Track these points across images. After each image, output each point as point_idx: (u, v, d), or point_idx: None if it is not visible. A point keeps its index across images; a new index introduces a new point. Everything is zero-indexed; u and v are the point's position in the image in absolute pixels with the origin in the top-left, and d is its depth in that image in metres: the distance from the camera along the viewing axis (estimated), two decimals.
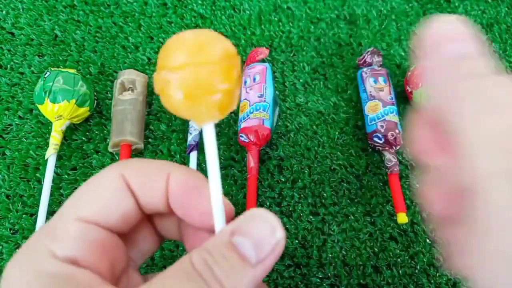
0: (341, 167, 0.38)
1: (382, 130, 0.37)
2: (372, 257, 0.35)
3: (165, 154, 0.38)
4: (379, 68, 0.40)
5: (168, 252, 0.34)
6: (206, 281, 0.13)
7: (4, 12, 0.45)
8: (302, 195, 0.36)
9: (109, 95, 0.41)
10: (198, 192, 0.16)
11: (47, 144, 0.37)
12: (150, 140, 0.39)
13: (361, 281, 0.34)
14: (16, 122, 0.39)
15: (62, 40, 0.44)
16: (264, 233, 0.14)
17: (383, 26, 0.47)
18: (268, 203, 0.36)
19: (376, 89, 0.39)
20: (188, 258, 0.14)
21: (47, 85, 0.35)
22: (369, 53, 0.41)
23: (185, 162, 0.38)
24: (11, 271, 0.14)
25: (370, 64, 0.41)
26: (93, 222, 0.15)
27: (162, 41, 0.44)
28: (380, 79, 0.40)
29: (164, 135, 0.39)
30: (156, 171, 0.16)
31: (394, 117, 0.38)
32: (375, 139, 0.37)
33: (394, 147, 0.37)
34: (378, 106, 0.38)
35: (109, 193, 0.15)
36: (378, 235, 0.36)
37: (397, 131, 0.37)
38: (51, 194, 0.35)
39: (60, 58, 0.42)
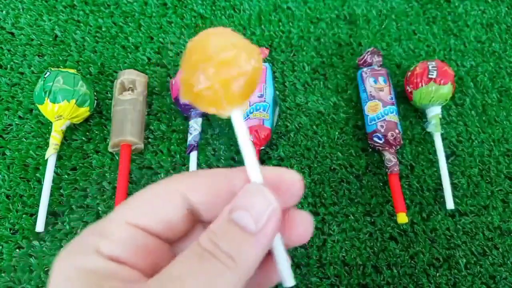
0: (341, 167, 0.38)
1: (382, 130, 0.37)
2: (372, 257, 0.35)
3: (165, 154, 0.38)
4: (379, 68, 0.40)
5: None
6: (216, 256, 0.14)
7: (4, 12, 0.45)
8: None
9: (109, 95, 0.41)
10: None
11: (47, 144, 0.37)
12: (150, 140, 0.39)
13: (361, 281, 0.34)
14: (16, 122, 0.39)
15: (62, 40, 0.44)
16: (259, 204, 0.15)
17: (383, 26, 0.47)
18: None
19: (376, 89, 0.39)
20: (192, 246, 0.15)
21: (47, 85, 0.35)
22: (369, 53, 0.41)
23: (185, 162, 0.38)
24: (58, 265, 0.15)
25: (370, 64, 0.41)
26: (141, 228, 0.16)
27: (162, 41, 0.44)
28: (380, 79, 0.40)
29: (164, 135, 0.39)
30: (220, 185, 0.17)
31: (394, 117, 0.38)
32: (375, 139, 0.37)
33: (394, 147, 0.37)
34: (378, 106, 0.38)
35: (160, 205, 0.16)
36: (378, 235, 0.36)
37: (397, 131, 0.37)
38: (51, 194, 0.35)
39: (60, 58, 0.42)
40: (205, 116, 0.40)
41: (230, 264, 0.14)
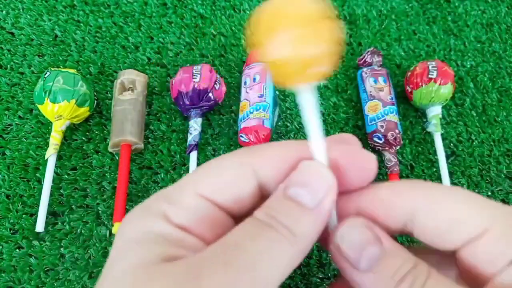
0: None
1: (382, 130, 0.37)
2: None
3: (165, 154, 0.38)
4: (379, 68, 0.40)
5: None
6: (273, 226, 0.14)
7: (4, 12, 0.45)
8: None
9: (109, 95, 0.41)
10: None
11: (47, 144, 0.37)
12: (150, 140, 0.39)
13: None
14: (16, 122, 0.39)
15: (62, 40, 0.44)
16: (315, 181, 0.15)
17: (383, 26, 0.47)
18: None
19: (376, 89, 0.39)
20: (249, 219, 0.15)
21: (47, 85, 0.35)
22: (369, 53, 0.41)
23: (185, 162, 0.38)
24: (125, 227, 0.15)
25: (370, 64, 0.41)
26: (210, 200, 0.15)
27: (162, 41, 0.44)
28: (380, 79, 0.40)
29: (164, 135, 0.39)
30: (290, 160, 0.16)
31: (394, 117, 0.38)
32: (375, 139, 0.37)
33: (394, 147, 0.37)
34: (378, 106, 0.38)
35: (231, 178, 0.16)
36: None
37: (397, 131, 0.37)
38: (51, 194, 0.35)
39: (60, 58, 0.42)
40: (205, 116, 0.40)
41: (288, 235, 0.14)
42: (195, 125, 0.37)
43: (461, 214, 0.15)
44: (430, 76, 0.38)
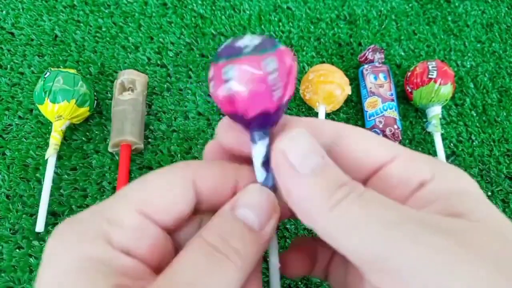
0: None
1: (381, 126, 0.37)
2: None
3: (165, 154, 0.38)
4: (380, 65, 0.40)
5: None
6: (224, 253, 0.14)
7: (4, 12, 0.45)
8: None
9: (109, 95, 0.41)
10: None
11: (47, 144, 0.37)
12: (150, 140, 0.39)
13: None
14: (16, 122, 0.39)
15: (62, 40, 0.44)
16: (262, 203, 0.16)
17: (383, 26, 0.47)
18: None
19: (376, 86, 0.39)
20: (199, 239, 0.15)
21: (47, 85, 0.35)
22: (370, 50, 0.41)
23: None
24: (56, 253, 0.13)
25: (371, 61, 0.41)
26: (153, 219, 0.15)
27: (162, 41, 0.44)
28: (381, 75, 0.40)
29: (164, 135, 0.39)
30: (227, 179, 0.17)
31: (393, 113, 0.38)
32: None
33: None
34: (377, 102, 0.38)
35: (175, 196, 0.16)
36: None
37: (395, 126, 0.37)
38: (51, 194, 0.35)
39: (60, 58, 0.42)
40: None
41: (237, 261, 0.14)
42: (262, 149, 0.20)
43: (372, 145, 0.16)
44: (430, 76, 0.38)
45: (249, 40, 0.15)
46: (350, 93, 0.39)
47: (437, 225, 0.13)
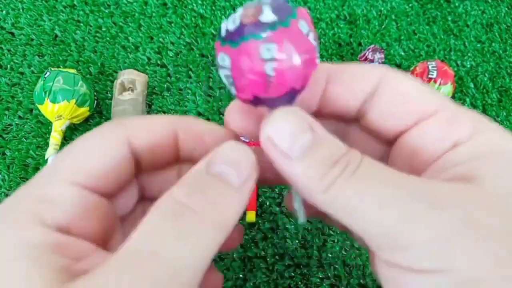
0: None
1: None
2: None
3: None
4: (380, 65, 0.41)
5: None
6: (196, 211, 0.12)
7: (4, 12, 0.45)
8: None
9: (109, 95, 0.41)
10: (206, 140, 0.17)
11: (47, 144, 0.37)
12: None
13: (361, 281, 0.34)
14: (16, 122, 0.39)
15: (62, 40, 0.44)
16: (239, 157, 0.14)
17: (383, 26, 0.47)
18: (268, 203, 0.36)
19: None
20: (169, 196, 0.13)
21: (47, 85, 0.35)
22: (370, 50, 0.41)
23: None
24: None
25: (371, 61, 0.41)
26: (88, 187, 0.14)
27: (162, 41, 0.44)
28: None
29: None
30: (163, 130, 0.16)
31: None
32: None
33: None
34: None
35: (109, 158, 0.14)
36: None
37: None
38: None
39: (60, 58, 0.42)
40: None
41: (214, 218, 0.13)
42: None
43: (416, 93, 0.15)
44: (430, 76, 0.38)
45: (265, 13, 0.13)
46: None
47: (435, 198, 0.12)
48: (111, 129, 0.15)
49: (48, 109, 0.35)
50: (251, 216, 0.34)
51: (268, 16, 0.13)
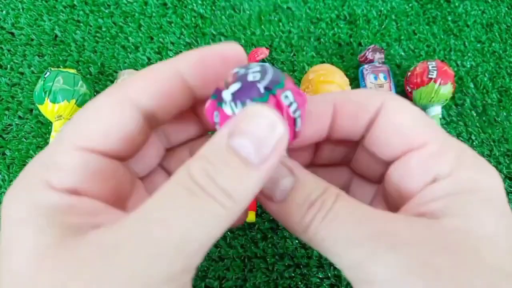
0: None
1: None
2: None
3: None
4: (380, 65, 0.41)
5: None
6: (210, 193, 0.12)
7: (4, 12, 0.45)
8: None
9: None
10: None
11: (47, 144, 0.37)
12: None
13: None
14: (16, 122, 0.39)
15: (62, 40, 0.44)
16: (263, 130, 0.13)
17: (383, 26, 0.47)
18: None
19: (376, 86, 0.39)
20: (185, 171, 0.13)
21: (47, 85, 0.35)
22: (370, 50, 0.41)
23: None
24: (9, 206, 0.13)
25: (371, 61, 0.41)
26: (93, 151, 0.14)
27: (162, 41, 0.44)
28: (381, 75, 0.40)
29: None
30: (166, 79, 0.15)
31: None
32: None
33: None
34: None
35: (112, 120, 0.14)
36: None
37: None
38: None
39: (60, 58, 0.42)
40: None
41: (227, 203, 0.12)
42: None
43: (410, 124, 0.16)
44: (430, 76, 0.38)
45: (266, 77, 0.14)
46: None
47: (396, 238, 0.13)
48: (112, 92, 0.15)
49: (48, 109, 0.35)
50: (251, 216, 0.34)
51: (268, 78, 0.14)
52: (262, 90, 0.14)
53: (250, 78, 0.14)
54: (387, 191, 0.17)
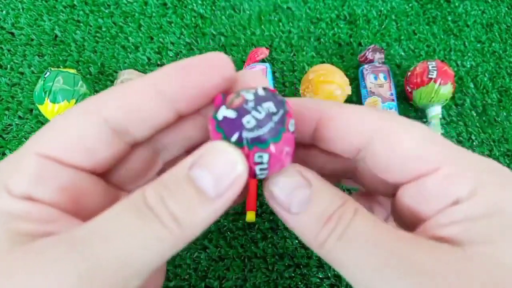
0: None
1: None
2: None
3: None
4: (380, 65, 0.41)
5: None
6: (158, 216, 0.12)
7: (4, 12, 0.45)
8: None
9: None
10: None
11: None
12: None
13: None
14: (16, 122, 0.39)
15: (62, 40, 0.44)
16: (224, 166, 0.13)
17: (383, 26, 0.47)
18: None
19: (376, 86, 0.39)
20: (141, 191, 0.13)
21: (47, 85, 0.35)
22: (370, 50, 0.41)
23: None
24: None
25: (371, 61, 0.41)
26: (51, 159, 0.14)
27: (162, 41, 0.44)
28: (381, 75, 0.40)
29: None
30: (140, 95, 0.15)
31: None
32: None
33: None
34: (377, 102, 0.38)
35: (75, 131, 0.14)
36: None
37: None
38: None
39: (60, 58, 0.42)
40: None
41: (174, 229, 0.12)
42: None
43: (416, 148, 0.14)
44: (430, 76, 0.38)
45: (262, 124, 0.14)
46: (350, 93, 0.39)
47: (411, 264, 0.13)
48: (83, 105, 0.15)
49: (48, 109, 0.35)
50: (251, 216, 0.34)
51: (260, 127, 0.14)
52: (241, 138, 0.14)
53: (245, 120, 0.14)
54: (398, 208, 0.16)
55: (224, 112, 0.14)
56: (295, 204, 0.14)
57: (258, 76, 0.17)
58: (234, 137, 0.14)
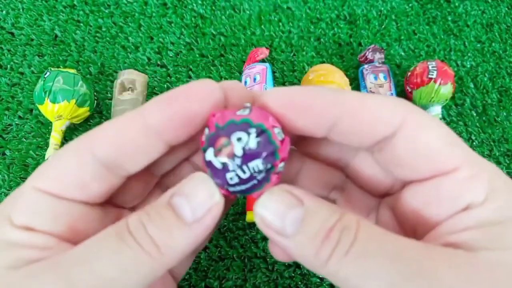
0: None
1: None
2: None
3: None
4: (380, 65, 0.41)
5: None
6: (137, 240, 0.13)
7: (4, 12, 0.45)
8: None
9: (109, 95, 0.41)
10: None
11: (47, 144, 0.37)
12: None
13: None
14: (16, 122, 0.39)
15: (62, 40, 0.44)
16: (202, 195, 0.14)
17: (383, 26, 0.47)
18: None
19: (376, 86, 0.39)
20: (125, 219, 0.14)
21: (47, 85, 0.35)
22: (370, 50, 0.41)
23: None
24: None
25: (371, 61, 0.41)
26: (47, 193, 0.15)
27: (162, 41, 0.44)
28: (381, 75, 0.40)
29: None
30: (132, 132, 0.15)
31: None
32: None
33: None
34: None
35: (65, 167, 0.15)
36: None
37: None
38: None
39: (60, 58, 0.42)
40: None
41: (153, 253, 0.13)
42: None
43: (437, 145, 0.14)
44: (430, 76, 0.38)
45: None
46: None
47: (440, 278, 0.12)
48: (76, 142, 0.15)
49: (48, 109, 0.35)
50: (251, 216, 0.34)
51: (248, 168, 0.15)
52: (223, 186, 0.15)
53: (228, 176, 0.14)
54: (401, 212, 0.16)
55: (211, 158, 0.14)
56: (289, 226, 0.14)
57: (246, 93, 0.16)
58: (217, 181, 0.15)
